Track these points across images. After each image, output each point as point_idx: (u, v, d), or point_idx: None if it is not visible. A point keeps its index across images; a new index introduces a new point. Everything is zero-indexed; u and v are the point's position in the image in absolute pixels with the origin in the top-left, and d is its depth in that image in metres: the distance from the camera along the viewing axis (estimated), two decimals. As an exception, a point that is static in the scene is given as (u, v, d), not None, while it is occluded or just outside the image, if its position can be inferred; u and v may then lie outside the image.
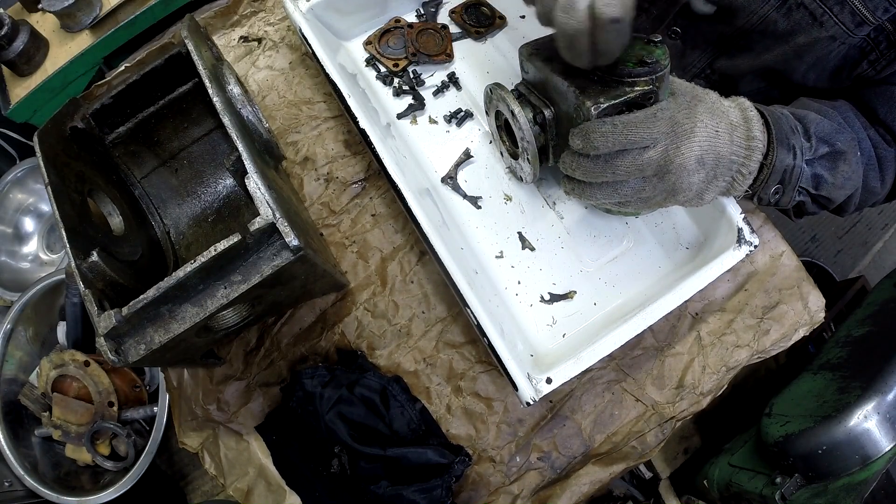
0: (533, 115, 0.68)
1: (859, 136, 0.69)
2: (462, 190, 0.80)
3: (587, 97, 0.59)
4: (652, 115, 0.57)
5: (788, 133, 0.62)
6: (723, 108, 0.60)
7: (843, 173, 0.66)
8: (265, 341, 0.78)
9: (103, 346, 0.56)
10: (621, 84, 0.59)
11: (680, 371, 0.75)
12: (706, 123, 0.58)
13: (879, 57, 0.69)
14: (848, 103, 0.72)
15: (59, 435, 1.03)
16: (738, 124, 0.60)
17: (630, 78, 0.58)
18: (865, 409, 0.66)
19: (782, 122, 0.63)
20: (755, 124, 0.60)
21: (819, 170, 0.66)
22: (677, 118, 0.57)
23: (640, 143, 0.57)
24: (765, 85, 0.81)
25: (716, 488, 0.82)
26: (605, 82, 0.60)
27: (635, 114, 0.57)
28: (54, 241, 1.38)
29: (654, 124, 0.57)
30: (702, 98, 0.60)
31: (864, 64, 0.70)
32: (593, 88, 0.60)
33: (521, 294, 0.74)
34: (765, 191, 0.63)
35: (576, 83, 0.61)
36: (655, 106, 0.58)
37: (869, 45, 0.69)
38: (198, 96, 0.75)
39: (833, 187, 0.67)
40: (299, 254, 0.57)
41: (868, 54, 0.69)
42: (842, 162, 0.66)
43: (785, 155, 0.61)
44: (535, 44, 0.69)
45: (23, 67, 1.21)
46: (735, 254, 0.67)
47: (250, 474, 0.74)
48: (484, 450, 0.74)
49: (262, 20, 0.95)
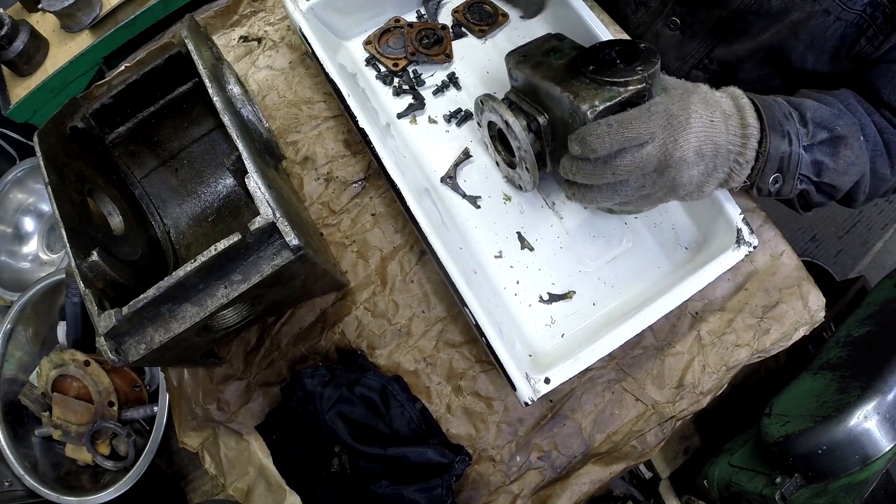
0: (527, 123, 0.67)
1: (862, 121, 0.69)
2: (461, 190, 0.80)
3: (582, 101, 0.59)
4: (647, 111, 0.57)
5: (781, 119, 0.62)
6: (715, 98, 0.60)
7: (845, 158, 0.66)
8: (265, 341, 0.78)
9: (103, 346, 0.56)
10: (614, 84, 0.58)
11: (680, 370, 0.75)
12: (700, 113, 0.58)
13: (877, 33, 0.68)
14: (850, 91, 0.72)
15: (59, 435, 1.03)
16: (731, 113, 0.60)
17: (622, 78, 0.58)
18: (865, 409, 0.66)
19: (774, 109, 0.62)
20: (748, 111, 0.60)
21: (819, 156, 0.65)
22: (672, 110, 0.57)
23: (637, 139, 0.56)
24: (765, 73, 0.80)
25: (716, 488, 0.82)
26: (597, 83, 0.59)
27: (630, 111, 0.57)
28: (54, 241, 1.38)
29: (650, 119, 0.56)
30: (693, 90, 0.60)
31: (862, 41, 0.70)
32: (587, 91, 0.59)
33: (520, 294, 0.74)
34: (763, 180, 0.63)
35: (569, 88, 0.61)
36: (649, 101, 0.58)
37: (866, 21, 0.68)
38: (198, 96, 0.75)
39: (836, 173, 0.66)
40: (299, 253, 0.57)
41: (866, 31, 0.69)
42: (843, 147, 0.65)
43: (779, 141, 0.61)
44: (521, 50, 0.69)
45: (23, 67, 1.21)
46: (734, 254, 0.67)
47: (250, 474, 0.74)
48: (484, 449, 0.74)
49: (262, 20, 0.95)
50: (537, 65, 0.66)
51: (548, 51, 0.68)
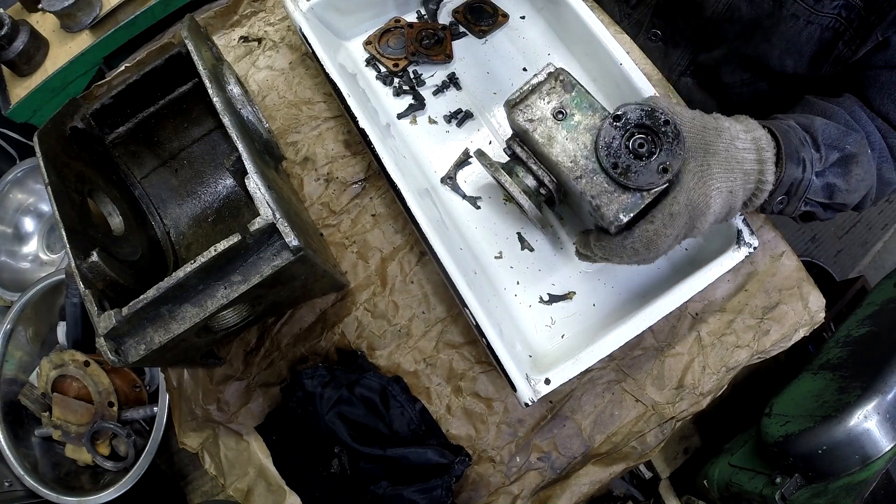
0: (535, 187, 0.65)
1: (867, 129, 0.69)
2: (461, 190, 0.80)
3: (607, 209, 0.57)
4: (669, 217, 0.56)
5: (798, 146, 0.62)
6: (738, 156, 0.58)
7: (856, 177, 0.66)
8: (265, 341, 0.78)
9: (103, 346, 0.56)
10: (638, 190, 0.56)
11: (680, 371, 0.75)
12: (720, 189, 0.57)
13: (854, 36, 0.68)
14: (853, 97, 0.72)
15: (59, 435, 1.03)
16: (751, 171, 0.59)
17: (647, 182, 0.55)
18: (865, 409, 0.66)
19: (791, 136, 0.62)
20: (768, 166, 0.59)
21: (831, 178, 0.65)
22: (693, 200, 0.56)
23: (662, 251, 0.58)
24: (748, 77, 0.81)
25: (716, 488, 0.82)
26: (620, 185, 0.57)
27: (653, 225, 0.56)
28: (54, 241, 1.38)
29: (673, 226, 0.56)
30: (715, 150, 0.57)
31: (839, 45, 0.69)
32: (608, 195, 0.57)
33: (520, 295, 0.74)
34: (768, 203, 0.63)
35: (589, 186, 0.58)
36: (671, 199, 0.56)
37: (842, 24, 0.68)
38: (198, 96, 0.75)
39: (847, 193, 0.66)
40: (299, 254, 0.57)
41: (842, 35, 0.69)
42: (854, 165, 0.65)
43: (794, 169, 0.61)
44: (523, 106, 0.62)
45: (23, 67, 1.21)
46: (734, 255, 0.67)
47: (250, 474, 0.74)
48: (484, 450, 0.74)
49: (262, 20, 0.95)
50: (548, 139, 0.60)
51: (556, 114, 0.61)
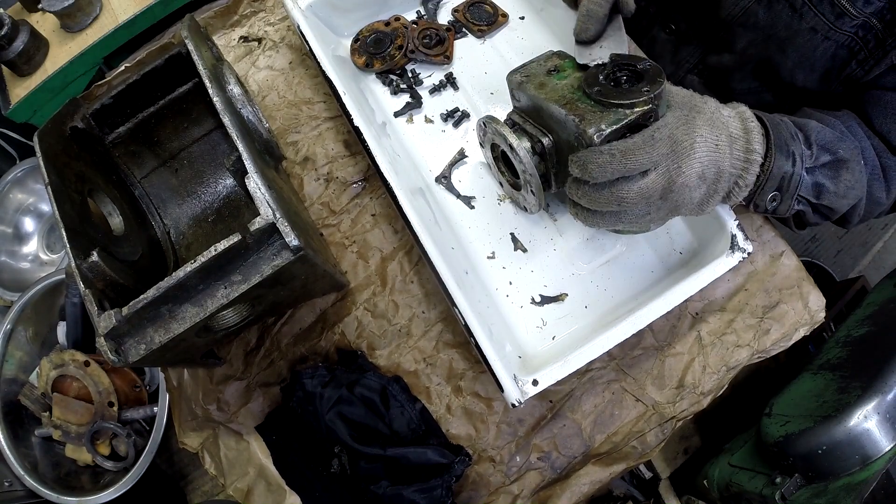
0: (531, 145, 0.66)
1: (862, 144, 0.69)
2: (456, 190, 0.80)
3: (588, 124, 0.57)
4: (650, 138, 0.55)
5: (788, 139, 0.62)
6: (722, 118, 0.59)
7: (845, 182, 0.65)
8: (265, 341, 0.78)
9: (103, 346, 0.56)
10: (620, 107, 0.57)
11: (680, 371, 0.75)
12: (706, 137, 0.56)
13: (868, 56, 0.68)
14: (851, 113, 0.72)
15: (59, 435, 1.03)
16: (737, 136, 0.59)
17: (628, 100, 0.56)
18: (865, 409, 0.66)
19: (781, 129, 0.62)
20: (755, 135, 0.59)
21: (820, 178, 0.65)
22: (676, 136, 0.56)
23: (640, 168, 0.55)
24: (755, 85, 0.80)
25: (716, 488, 0.82)
26: (603, 105, 0.58)
27: (633, 139, 0.55)
28: (54, 241, 1.39)
29: (654, 147, 0.55)
30: (700, 109, 0.58)
31: (853, 64, 0.69)
32: (592, 114, 0.58)
33: (511, 295, 0.74)
34: (761, 197, 0.63)
35: (574, 110, 0.59)
36: (653, 126, 0.56)
37: (857, 43, 0.68)
38: (198, 96, 0.75)
39: (835, 196, 0.66)
40: (299, 254, 0.57)
41: (857, 54, 0.69)
42: (844, 170, 0.65)
43: (783, 161, 0.61)
44: (523, 70, 0.68)
45: (23, 67, 1.21)
46: (728, 260, 0.67)
47: (250, 474, 0.74)
48: (484, 450, 0.74)
49: (262, 20, 0.95)
50: (540, 85, 0.64)
51: (550, 70, 0.66)
